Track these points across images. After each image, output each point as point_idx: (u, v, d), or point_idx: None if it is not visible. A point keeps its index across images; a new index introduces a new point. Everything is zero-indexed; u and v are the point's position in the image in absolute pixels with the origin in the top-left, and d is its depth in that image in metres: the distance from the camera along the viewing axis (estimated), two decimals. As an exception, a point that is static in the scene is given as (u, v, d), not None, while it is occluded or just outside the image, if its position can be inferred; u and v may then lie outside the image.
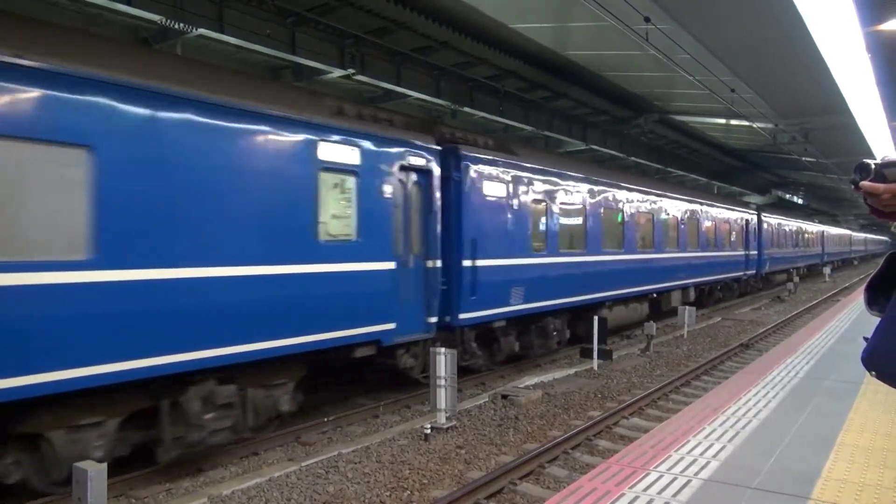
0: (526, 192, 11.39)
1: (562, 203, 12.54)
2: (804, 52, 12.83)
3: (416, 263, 9.17)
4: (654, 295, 16.58)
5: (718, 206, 22.39)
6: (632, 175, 18.49)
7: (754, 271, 26.14)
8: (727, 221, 23.10)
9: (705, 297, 21.93)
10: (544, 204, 11.93)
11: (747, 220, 25.53)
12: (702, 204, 20.68)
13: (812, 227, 40.32)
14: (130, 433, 6.13)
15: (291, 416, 7.83)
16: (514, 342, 11.40)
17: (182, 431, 6.34)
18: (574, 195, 13.00)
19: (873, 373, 1.90)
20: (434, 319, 9.33)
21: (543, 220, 11.95)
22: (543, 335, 12.14)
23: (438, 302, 9.36)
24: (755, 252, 26.06)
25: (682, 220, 18.50)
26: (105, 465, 4.91)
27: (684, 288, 18.72)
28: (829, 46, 12.42)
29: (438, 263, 9.46)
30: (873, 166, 1.74)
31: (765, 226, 27.52)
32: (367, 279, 8.13)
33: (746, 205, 27.76)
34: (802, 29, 11.40)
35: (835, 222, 55.62)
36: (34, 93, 5.14)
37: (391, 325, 8.46)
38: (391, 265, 8.53)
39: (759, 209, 28.08)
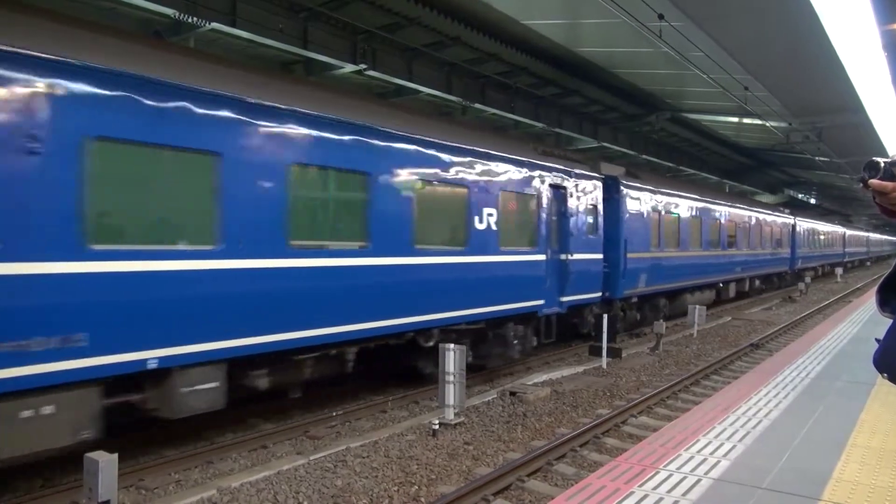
0: None
1: None
2: (819, 50, 12.72)
3: None
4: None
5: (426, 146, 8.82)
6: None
7: (598, 294, 13.39)
8: (471, 185, 9.66)
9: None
10: None
11: (554, 188, 11.82)
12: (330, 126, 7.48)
13: (769, 218, 27.09)
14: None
15: (300, 410, 7.87)
16: None
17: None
18: None
19: (885, 374, 1.89)
20: None
21: None
22: None
23: None
24: (596, 255, 13.26)
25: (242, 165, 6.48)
26: (115, 455, 4.94)
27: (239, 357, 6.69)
28: (844, 44, 12.31)
29: None
30: (883, 164, 1.75)
31: (628, 204, 14.65)
32: None
33: (568, 161, 12.66)
34: (817, 26, 11.29)
35: (819, 215, 42.97)
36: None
37: None
38: None
39: (628, 173, 15.36)
